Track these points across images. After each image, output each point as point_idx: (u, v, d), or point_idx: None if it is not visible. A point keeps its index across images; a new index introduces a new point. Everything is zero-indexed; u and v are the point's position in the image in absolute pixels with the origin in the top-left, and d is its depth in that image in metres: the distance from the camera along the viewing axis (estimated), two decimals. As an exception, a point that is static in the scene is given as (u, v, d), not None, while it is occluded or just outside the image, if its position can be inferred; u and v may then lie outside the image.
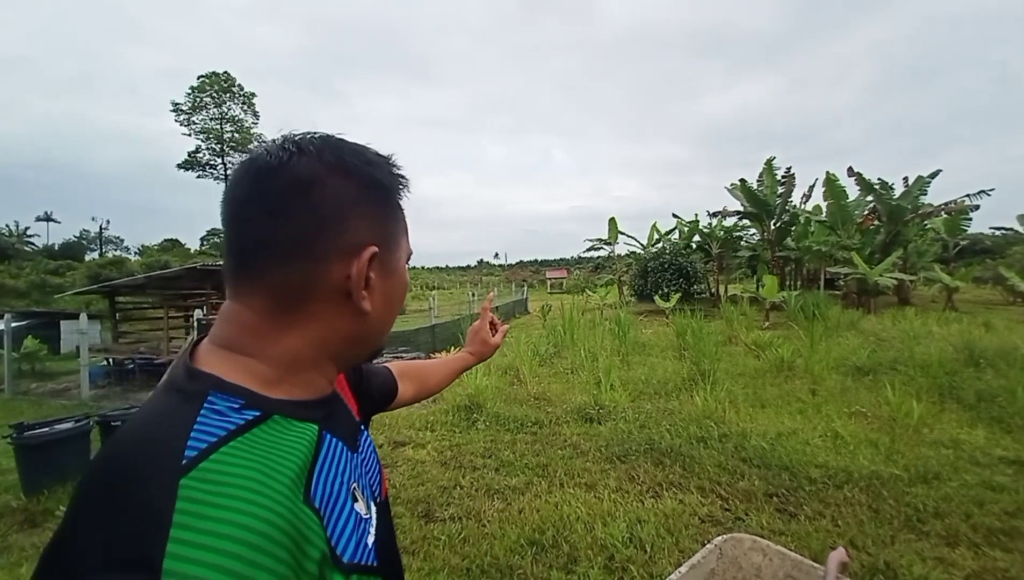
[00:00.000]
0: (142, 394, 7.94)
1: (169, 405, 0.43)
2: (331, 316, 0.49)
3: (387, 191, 0.52)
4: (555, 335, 9.52)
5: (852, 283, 14.95)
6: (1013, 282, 13.44)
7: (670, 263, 16.95)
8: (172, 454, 0.37)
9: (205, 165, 43.73)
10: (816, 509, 2.99)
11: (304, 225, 0.46)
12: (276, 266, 0.46)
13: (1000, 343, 6.82)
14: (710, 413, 4.70)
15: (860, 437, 4.09)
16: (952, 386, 5.30)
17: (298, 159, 0.47)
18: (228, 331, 0.48)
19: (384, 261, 0.51)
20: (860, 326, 10.23)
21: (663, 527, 2.82)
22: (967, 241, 18.87)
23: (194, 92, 41.92)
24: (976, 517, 2.78)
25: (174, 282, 10.88)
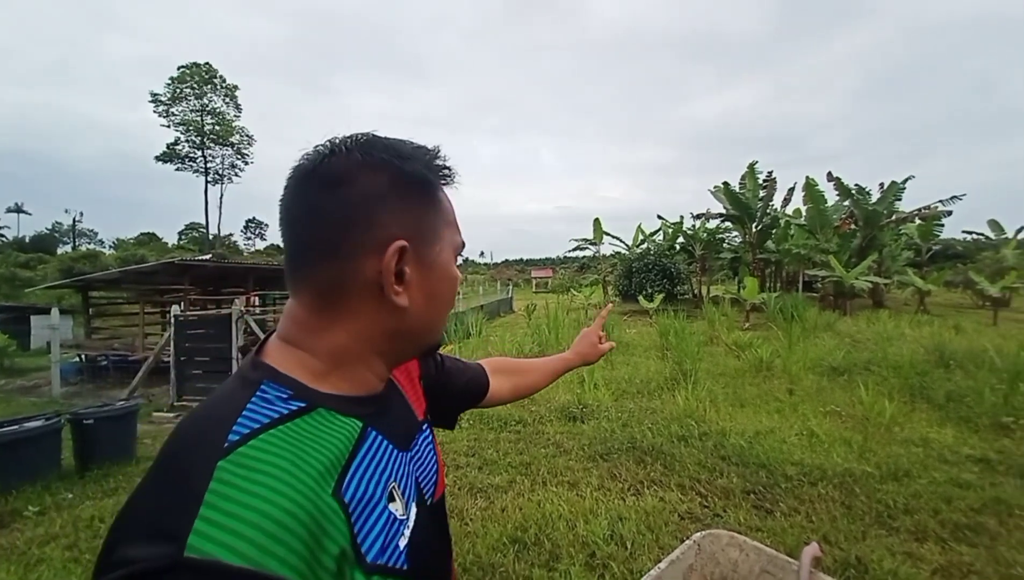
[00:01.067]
0: (115, 391, 7.74)
1: (230, 390, 0.46)
2: (370, 312, 0.49)
3: (422, 184, 0.52)
4: (540, 334, 9.55)
5: (829, 285, 15.32)
6: (982, 286, 13.87)
7: (654, 264, 17.13)
8: (218, 437, 0.40)
9: (184, 158, 42.68)
10: (791, 506, 3.06)
11: (336, 223, 0.47)
12: (316, 265, 0.48)
13: (969, 345, 7.06)
14: (691, 412, 4.77)
15: (834, 436, 4.19)
16: (923, 386, 5.47)
17: (330, 160, 0.48)
18: (287, 326, 0.51)
19: (420, 254, 0.51)
20: (836, 327, 10.48)
21: (644, 524, 2.85)
22: (939, 246, 19.51)
23: (174, 83, 40.88)
24: (944, 513, 2.88)
25: (150, 277, 10.63)
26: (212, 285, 12.94)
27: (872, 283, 14.43)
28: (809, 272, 16.37)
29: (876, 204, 15.48)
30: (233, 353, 6.86)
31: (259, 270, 12.52)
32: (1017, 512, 2.87)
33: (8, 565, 2.68)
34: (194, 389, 6.96)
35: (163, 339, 7.54)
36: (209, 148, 43.12)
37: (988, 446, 3.94)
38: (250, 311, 8.02)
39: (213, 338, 7.00)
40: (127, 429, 4.28)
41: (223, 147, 43.69)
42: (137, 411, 4.43)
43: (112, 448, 4.14)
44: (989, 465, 3.58)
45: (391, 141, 0.52)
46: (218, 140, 42.84)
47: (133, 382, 7.14)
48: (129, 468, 4.12)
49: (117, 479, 3.92)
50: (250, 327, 7.46)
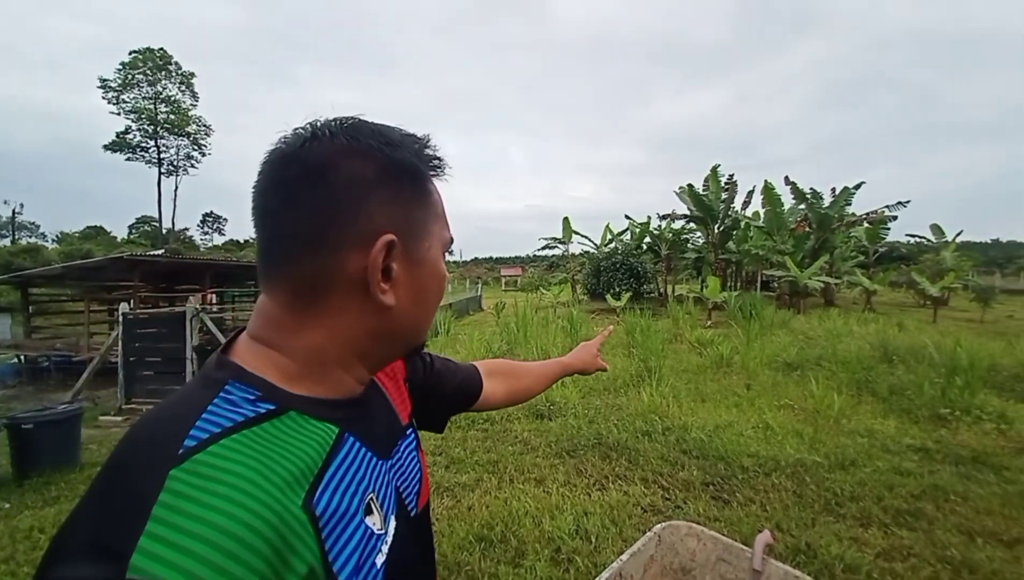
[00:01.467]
0: (58, 394, 7.28)
1: (190, 390, 0.43)
2: (352, 310, 0.46)
3: (412, 174, 0.48)
4: (508, 332, 9.58)
5: (785, 285, 16.01)
6: (924, 286, 14.82)
7: (622, 263, 17.43)
8: (173, 442, 0.36)
9: (136, 147, 40.55)
10: (747, 496, 3.18)
11: (317, 213, 0.44)
12: (294, 258, 0.45)
13: (911, 342, 7.53)
14: (655, 408, 4.90)
15: (788, 428, 4.39)
16: (868, 380, 5.80)
17: (311, 145, 0.44)
18: (258, 324, 0.47)
19: (408, 250, 0.47)
20: (791, 325, 10.96)
21: (608, 518, 2.91)
22: (885, 248, 20.69)
23: (125, 68, 38.77)
24: (887, 500, 3.06)
25: (97, 273, 10.05)
26: (165, 282, 12.35)
27: (824, 283, 15.18)
28: (767, 272, 17.05)
29: (828, 208, 16.31)
30: (187, 353, 6.57)
31: (217, 266, 12.03)
32: (952, 498, 3.08)
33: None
34: (144, 391, 6.63)
35: (110, 338, 7.14)
36: (163, 138, 41.09)
37: (927, 436, 4.21)
38: (206, 309, 7.69)
39: (165, 338, 6.68)
40: (70, 434, 4.03)
41: (178, 137, 41.77)
42: (81, 415, 4.18)
43: (54, 454, 3.90)
44: (928, 454, 3.83)
45: (379, 126, 0.48)
46: (173, 129, 40.88)
47: (77, 384, 6.73)
48: (73, 475, 3.89)
49: (59, 487, 3.68)
50: (206, 326, 7.15)
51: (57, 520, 3.14)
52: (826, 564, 2.40)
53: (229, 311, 13.57)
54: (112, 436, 5.18)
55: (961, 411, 4.62)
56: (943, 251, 19.60)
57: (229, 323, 11.93)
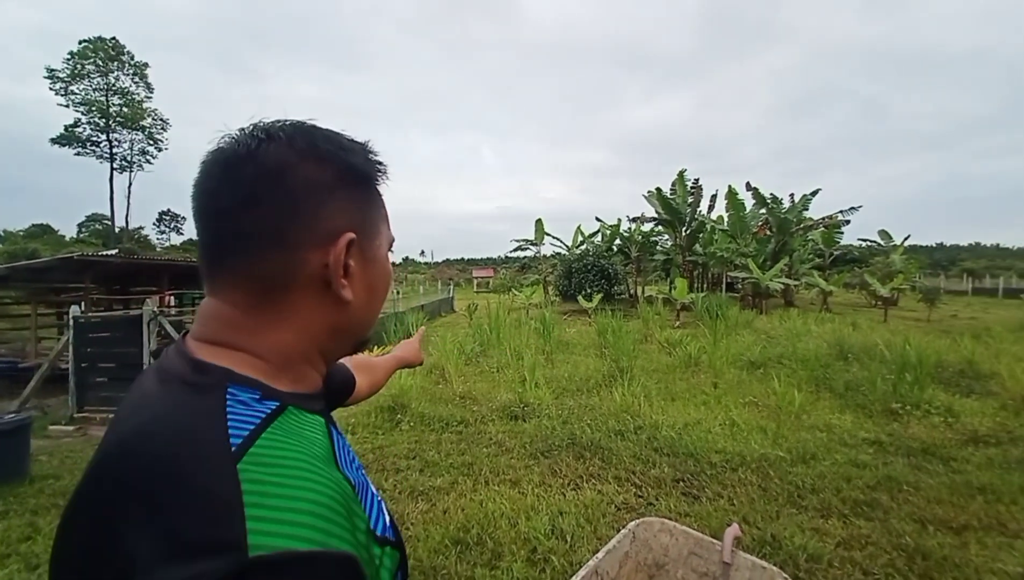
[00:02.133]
0: (3, 403, 6.81)
1: (186, 398, 0.42)
2: (313, 307, 0.48)
3: (364, 177, 0.51)
4: (481, 334, 9.56)
5: (748, 286, 16.61)
6: (875, 287, 15.65)
7: (593, 265, 17.67)
8: (217, 442, 0.38)
9: (86, 141, 38.28)
10: (716, 491, 3.29)
11: (278, 213, 0.45)
12: (253, 257, 0.45)
13: (864, 340, 7.93)
14: (627, 407, 4.99)
15: (752, 424, 4.56)
16: (826, 377, 6.08)
17: (268, 146, 0.45)
18: (212, 328, 0.47)
19: (363, 248, 0.50)
20: (754, 325, 11.37)
21: (583, 517, 2.95)
22: (840, 251, 21.72)
23: (75, 58, 36.59)
24: (845, 491, 3.22)
25: (44, 274, 9.47)
26: (119, 283, 11.76)
27: (784, 284, 15.83)
28: (731, 274, 17.67)
29: (788, 212, 17.03)
30: (145, 358, 6.27)
31: (175, 267, 11.53)
32: (906, 488, 3.27)
33: None
34: (98, 399, 6.29)
35: (60, 343, 6.74)
36: (115, 131, 38.98)
37: (880, 430, 4.45)
38: (164, 312, 7.36)
39: (120, 342, 6.36)
40: (18, 445, 3.78)
41: (132, 131, 39.69)
42: (30, 425, 3.93)
43: (1, 467, 3.65)
44: (882, 446, 4.05)
45: (329, 132, 0.50)
46: (126, 123, 38.82)
47: (25, 392, 6.32)
48: (22, 489, 3.64)
49: (7, 502, 3.44)
50: (164, 330, 6.85)
51: (6, 536, 2.94)
52: (790, 554, 2.51)
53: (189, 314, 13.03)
54: (63, 446, 4.89)
55: (911, 406, 4.90)
56: (892, 254, 20.77)
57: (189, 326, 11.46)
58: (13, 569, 2.64)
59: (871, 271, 18.79)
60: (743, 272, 16.23)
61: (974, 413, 4.85)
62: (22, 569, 2.64)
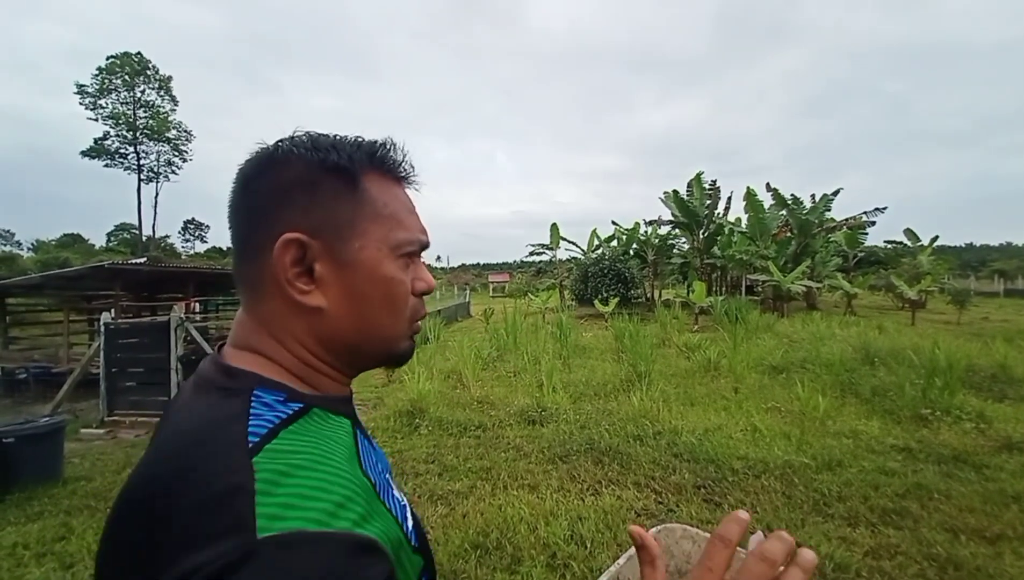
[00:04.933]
0: (37, 407, 7.07)
1: (216, 401, 0.44)
2: (287, 314, 0.46)
3: (336, 174, 0.47)
4: (498, 339, 9.58)
5: (768, 289, 16.28)
6: (902, 289, 15.20)
7: (609, 269, 17.57)
8: (236, 439, 0.39)
9: (115, 153, 39.59)
10: (738, 498, 3.23)
11: (245, 221, 0.47)
12: (237, 266, 0.48)
13: (891, 344, 7.72)
14: (646, 412, 4.94)
15: (775, 430, 4.47)
16: (852, 382, 5.93)
17: (250, 159, 0.48)
18: (239, 335, 0.49)
19: (334, 251, 0.46)
20: (775, 329, 11.16)
21: (602, 523, 2.93)
22: (864, 253, 21.23)
23: (102, 73, 37.95)
24: (873, 499, 3.13)
25: (76, 282, 9.80)
26: (147, 291, 12.09)
27: (806, 287, 15.50)
28: (751, 277, 17.35)
29: (809, 214, 16.69)
30: (172, 363, 6.43)
31: (200, 274, 11.81)
32: (936, 496, 3.17)
33: (-90, 605, 2.40)
34: (127, 403, 6.46)
35: (92, 349, 6.96)
36: (142, 143, 40.24)
37: (909, 436, 4.32)
38: (190, 318, 7.55)
39: (148, 348, 6.52)
40: (53, 448, 3.92)
41: (158, 143, 40.91)
42: (64, 428, 4.07)
43: (36, 469, 3.78)
44: (911, 453, 3.92)
45: (319, 135, 0.49)
46: (152, 135, 40.06)
47: (58, 396, 6.54)
48: (56, 490, 3.76)
49: (42, 503, 3.57)
50: (191, 335, 7.02)
51: (41, 536, 3.05)
52: (817, 564, 2.44)
53: (213, 320, 13.34)
54: (95, 449, 5.05)
55: (941, 411, 4.75)
56: (919, 255, 20.17)
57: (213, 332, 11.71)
58: (48, 568, 2.73)
59: (898, 273, 18.25)
60: (763, 275, 15.93)
61: (1007, 419, 4.67)
62: (57, 568, 2.73)
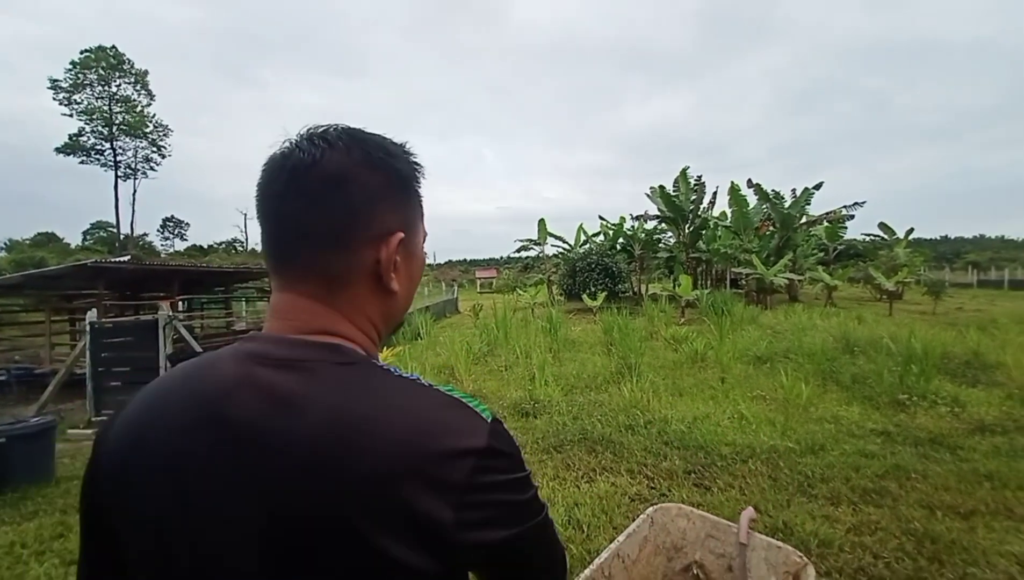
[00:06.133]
0: (20, 409, 6.93)
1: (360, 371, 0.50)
2: (370, 298, 0.55)
3: (407, 180, 0.57)
4: (488, 333, 9.64)
5: (752, 282, 16.63)
6: (880, 281, 15.66)
7: (597, 263, 17.74)
8: (418, 382, 0.51)
9: (91, 150, 38.55)
10: (727, 482, 3.36)
11: (339, 217, 0.51)
12: (319, 256, 0.52)
13: (870, 334, 7.97)
14: (636, 403, 5.06)
15: (761, 417, 4.62)
16: (833, 371, 6.13)
17: (330, 155, 0.51)
18: (304, 320, 0.52)
19: (407, 245, 0.56)
20: (759, 321, 11.41)
21: (598, 508, 3.03)
22: (843, 246, 21.73)
23: (76, 68, 36.85)
24: (854, 480, 3.29)
25: (57, 282, 9.59)
26: (130, 290, 11.88)
27: (788, 280, 15.87)
28: (735, 270, 17.69)
29: (790, 208, 17.06)
30: (161, 362, 6.38)
31: (186, 272, 11.65)
32: (914, 476, 3.33)
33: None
34: (114, 402, 6.37)
35: (77, 349, 6.85)
36: (119, 139, 39.21)
37: (888, 420, 4.51)
38: (176, 317, 7.47)
39: (135, 346, 6.45)
40: (44, 447, 3.89)
41: (135, 138, 39.94)
42: (55, 428, 4.03)
43: (28, 468, 3.75)
44: (889, 437, 4.10)
45: (379, 139, 0.56)
46: (129, 131, 39.07)
47: (43, 397, 6.43)
48: (49, 490, 3.74)
49: (36, 502, 3.55)
50: (179, 334, 6.95)
51: (39, 535, 3.03)
52: (802, 540, 2.58)
53: (198, 318, 13.15)
54: (84, 449, 5.00)
55: (918, 397, 4.96)
56: (896, 248, 20.73)
57: (198, 331, 11.57)
58: (49, 565, 2.73)
59: (875, 265, 18.77)
60: (747, 268, 16.26)
61: (980, 403, 4.90)
62: (58, 564, 2.74)
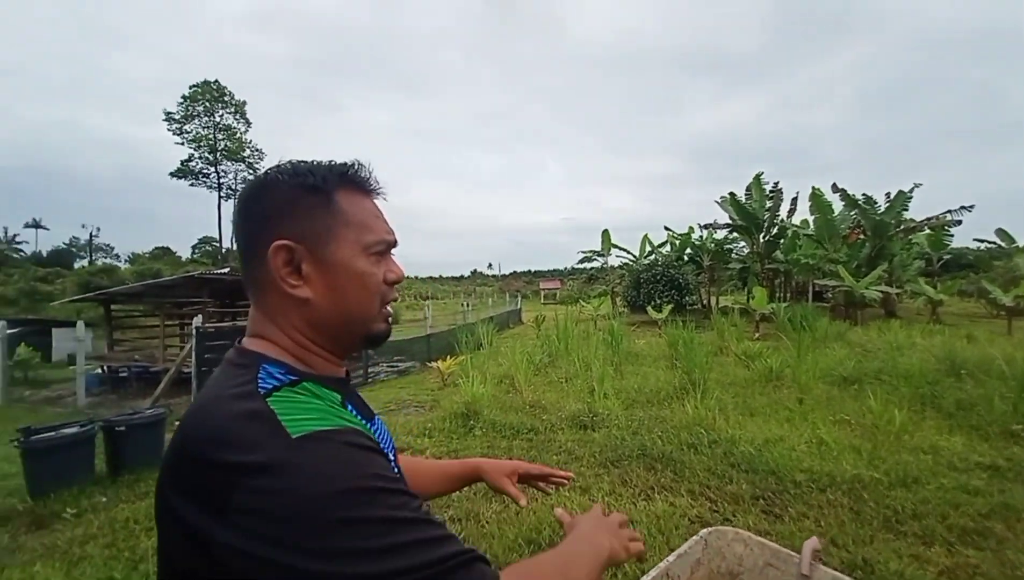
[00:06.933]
0: (137, 402, 7.95)
1: (232, 372, 0.57)
2: (282, 304, 0.60)
3: (313, 193, 0.60)
4: (549, 344, 9.65)
5: (839, 295, 15.27)
6: (995, 295, 13.76)
7: (662, 275, 17.19)
8: (252, 391, 0.53)
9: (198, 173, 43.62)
10: (800, 511, 3.12)
11: (248, 233, 0.61)
12: (245, 268, 0.62)
13: (981, 354, 7.03)
14: (700, 420, 4.84)
15: (844, 443, 4.24)
16: (933, 395, 5.49)
17: (248, 185, 0.63)
18: (250, 325, 0.63)
19: (316, 253, 0.59)
20: (847, 337, 10.46)
21: (655, 527, 2.94)
22: (951, 255, 19.34)
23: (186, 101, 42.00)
24: (952, 518, 2.93)
25: (170, 290, 10.91)
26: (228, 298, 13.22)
27: (883, 293, 14.38)
28: (819, 282, 16.34)
29: (884, 214, 15.49)
30: (251, 364, 7.05)
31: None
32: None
33: (52, 563, 2.83)
34: (213, 399, 7.13)
35: (185, 350, 7.76)
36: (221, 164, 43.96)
37: (997, 453, 3.97)
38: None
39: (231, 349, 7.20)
40: (156, 436, 4.45)
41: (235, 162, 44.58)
42: (165, 419, 4.60)
43: (142, 454, 4.31)
44: (998, 472, 3.61)
45: (299, 163, 0.63)
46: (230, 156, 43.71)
47: (156, 391, 7.34)
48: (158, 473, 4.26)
49: (147, 483, 4.06)
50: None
51: (148, 513, 3.47)
52: (883, 579, 2.35)
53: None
54: (187, 440, 5.61)
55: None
56: (1016, 257, 18.13)
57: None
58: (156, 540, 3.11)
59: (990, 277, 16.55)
60: (833, 280, 14.97)
61: (1121, 439, 4.17)
62: (163, 540, 3.11)
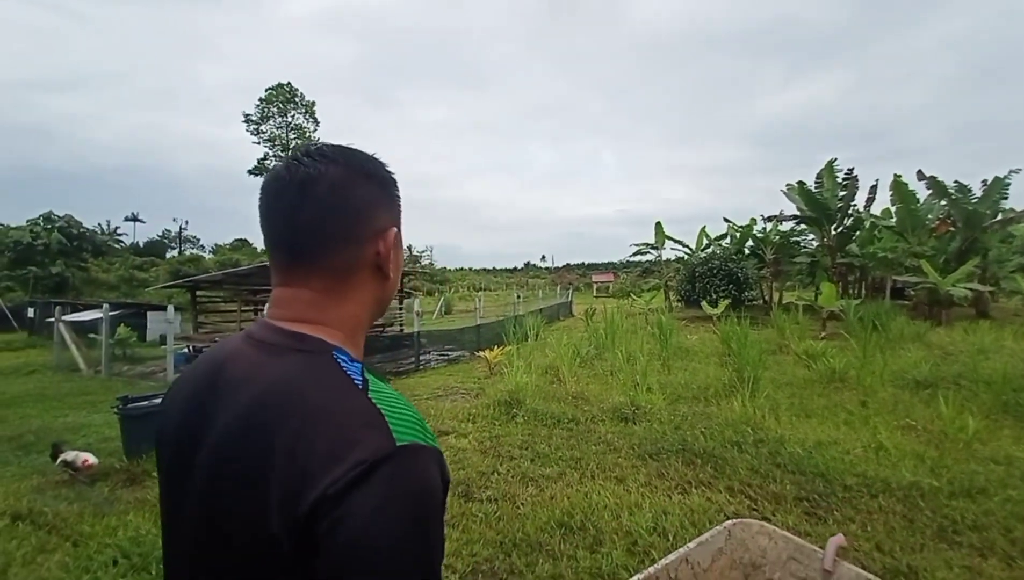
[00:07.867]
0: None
1: (307, 360, 0.57)
2: (368, 284, 0.65)
3: (392, 185, 0.68)
4: (597, 337, 9.62)
5: (922, 293, 13.98)
6: (1115, 295, 12.09)
7: (719, 269, 16.48)
8: (349, 383, 0.55)
9: (272, 171, 46.67)
10: (847, 514, 3.01)
11: (348, 218, 0.62)
12: (331, 252, 0.62)
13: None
14: (748, 419, 4.71)
15: (906, 450, 3.98)
16: (1017, 403, 5.00)
17: (333, 169, 0.62)
18: (296, 310, 0.61)
19: (397, 238, 0.67)
20: (927, 338, 9.63)
21: (688, 519, 2.95)
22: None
23: (262, 103, 44.93)
24: (1017, 532, 2.72)
25: (247, 279, 11.90)
26: (295, 286, 14.21)
27: (973, 290, 13.00)
28: (899, 278, 15.02)
29: (978, 203, 13.91)
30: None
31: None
32: (1108, 537, 2.65)
33: (143, 513, 3.27)
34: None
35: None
36: (293, 161, 46.71)
37: (1088, 469, 3.58)
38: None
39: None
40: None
41: (305, 159, 47.23)
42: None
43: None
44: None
45: (363, 153, 0.67)
46: (301, 153, 46.35)
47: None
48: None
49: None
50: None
51: (224, 475, 3.91)
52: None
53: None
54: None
55: None
56: None
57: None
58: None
59: (1111, 274, 14.49)
60: (915, 276, 13.71)
61: None
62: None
